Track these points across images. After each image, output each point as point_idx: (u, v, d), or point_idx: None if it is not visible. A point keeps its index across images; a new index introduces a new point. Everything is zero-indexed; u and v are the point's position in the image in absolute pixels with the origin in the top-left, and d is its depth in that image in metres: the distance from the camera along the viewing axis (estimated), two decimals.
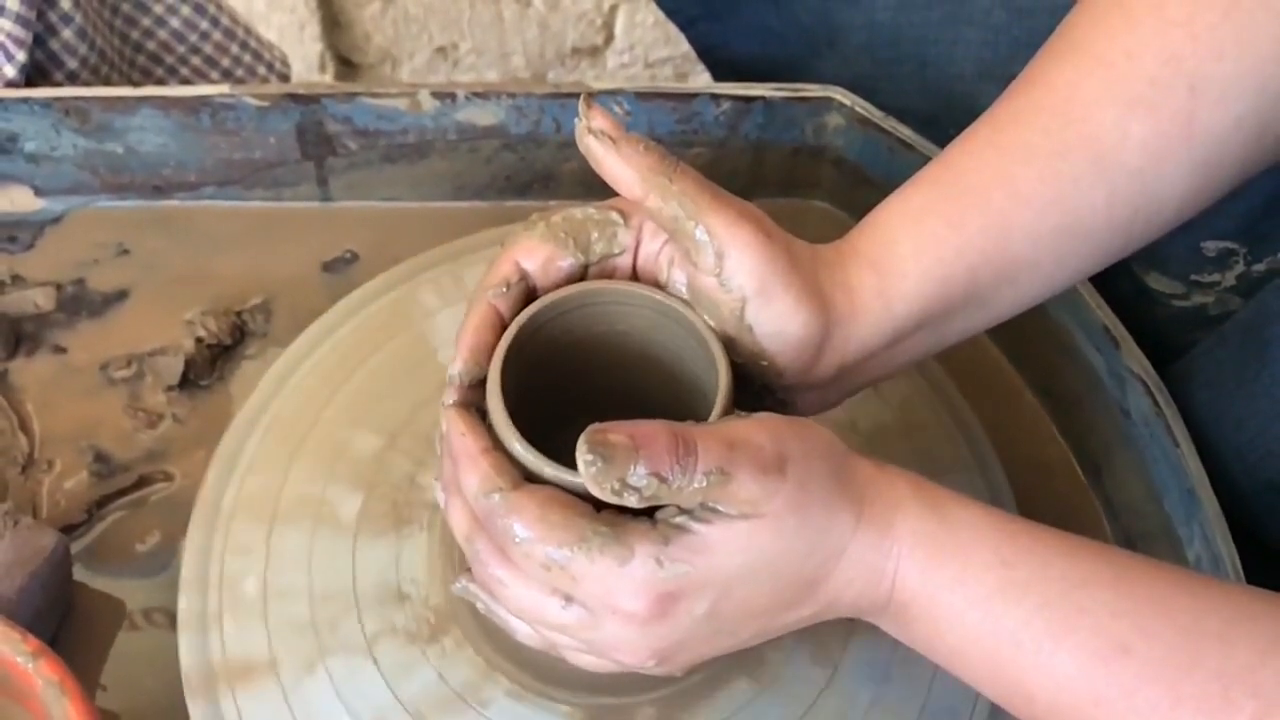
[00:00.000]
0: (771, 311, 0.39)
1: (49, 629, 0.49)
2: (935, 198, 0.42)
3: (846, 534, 0.37)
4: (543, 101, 0.60)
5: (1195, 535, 0.50)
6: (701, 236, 0.39)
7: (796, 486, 0.36)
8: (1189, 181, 0.42)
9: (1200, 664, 0.34)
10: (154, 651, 0.49)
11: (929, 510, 0.37)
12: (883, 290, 0.41)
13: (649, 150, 0.39)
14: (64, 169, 0.61)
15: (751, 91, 0.61)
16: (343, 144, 0.61)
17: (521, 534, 0.36)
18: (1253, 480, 0.50)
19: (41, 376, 0.57)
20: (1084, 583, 0.36)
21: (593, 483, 0.34)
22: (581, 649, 0.38)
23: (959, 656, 0.37)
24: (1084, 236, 0.42)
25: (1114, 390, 0.55)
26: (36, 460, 0.54)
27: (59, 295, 0.60)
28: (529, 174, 0.63)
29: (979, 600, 0.36)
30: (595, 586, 0.36)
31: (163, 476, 0.55)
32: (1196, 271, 0.58)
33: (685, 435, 0.35)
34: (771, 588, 0.36)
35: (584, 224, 0.41)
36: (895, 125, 0.60)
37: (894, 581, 0.37)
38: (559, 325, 0.42)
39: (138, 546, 0.52)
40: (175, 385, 0.57)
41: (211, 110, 0.59)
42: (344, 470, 0.50)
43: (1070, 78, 0.42)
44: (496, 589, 0.38)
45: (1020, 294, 0.43)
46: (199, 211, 0.62)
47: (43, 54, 0.65)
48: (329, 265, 0.62)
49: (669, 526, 0.36)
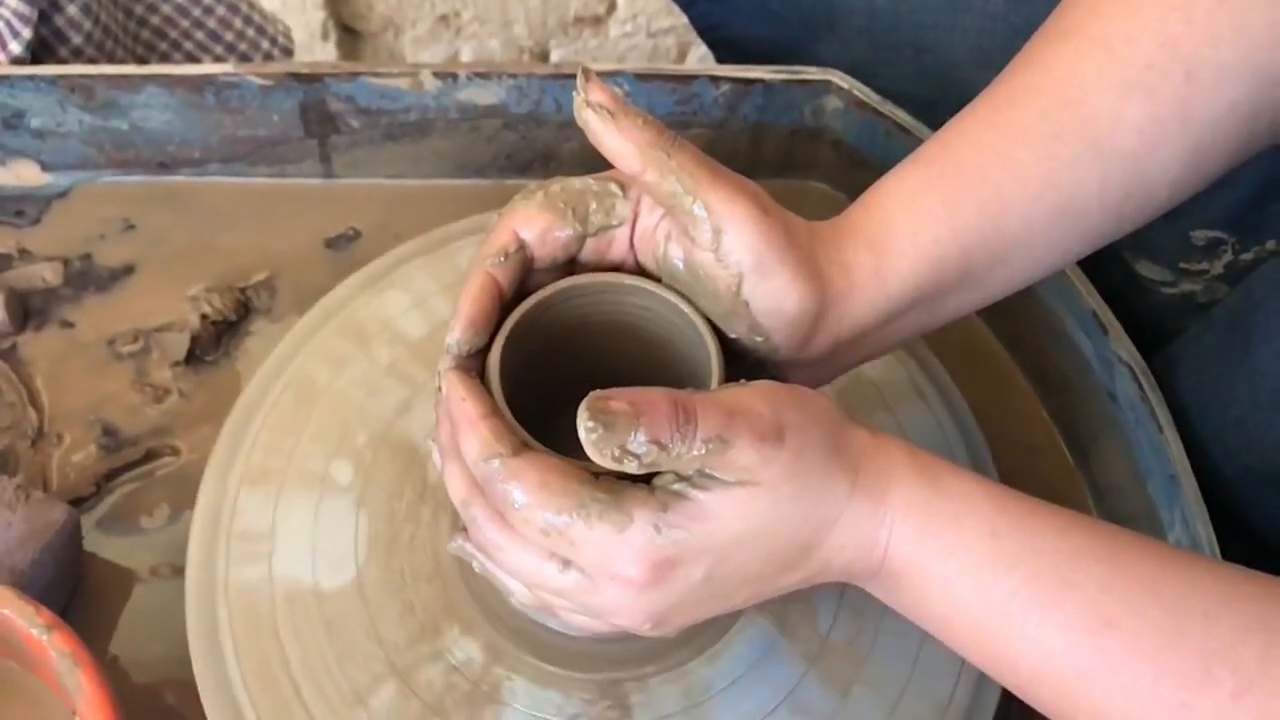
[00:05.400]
0: (768, 288, 0.39)
1: (60, 600, 0.50)
2: (932, 177, 0.42)
3: (841, 501, 0.37)
4: (543, 82, 0.61)
5: (1176, 518, 0.51)
6: (699, 212, 0.39)
7: (794, 454, 0.36)
8: (1182, 165, 0.43)
9: (1184, 640, 0.35)
10: (161, 609, 0.50)
11: (923, 479, 0.38)
12: (878, 268, 0.41)
13: (647, 125, 0.39)
14: (70, 145, 0.62)
15: (750, 74, 0.61)
16: (345, 122, 0.61)
17: (520, 499, 0.36)
18: (1234, 465, 0.51)
19: (50, 351, 0.58)
20: (1073, 557, 0.36)
21: (593, 449, 0.34)
22: (577, 611, 0.39)
23: (947, 625, 0.38)
24: (1077, 219, 0.43)
25: (1102, 375, 0.56)
26: (46, 434, 0.55)
27: (66, 270, 0.60)
28: (530, 153, 0.64)
29: (969, 570, 0.37)
30: (593, 552, 0.36)
31: (170, 451, 0.55)
32: (1185, 260, 0.59)
33: (685, 403, 0.35)
34: (767, 553, 0.37)
35: (583, 194, 0.41)
36: (893, 109, 0.60)
37: (886, 549, 0.38)
38: (554, 316, 0.42)
39: (145, 519, 0.53)
40: (181, 361, 0.57)
41: (216, 89, 0.60)
42: (348, 447, 0.51)
43: (1067, 60, 0.42)
44: (494, 552, 0.38)
45: (1013, 274, 0.44)
46: (204, 188, 0.63)
47: (47, 30, 0.65)
48: (332, 242, 0.62)
49: (667, 493, 0.36)
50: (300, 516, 0.49)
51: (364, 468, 0.51)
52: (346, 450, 0.51)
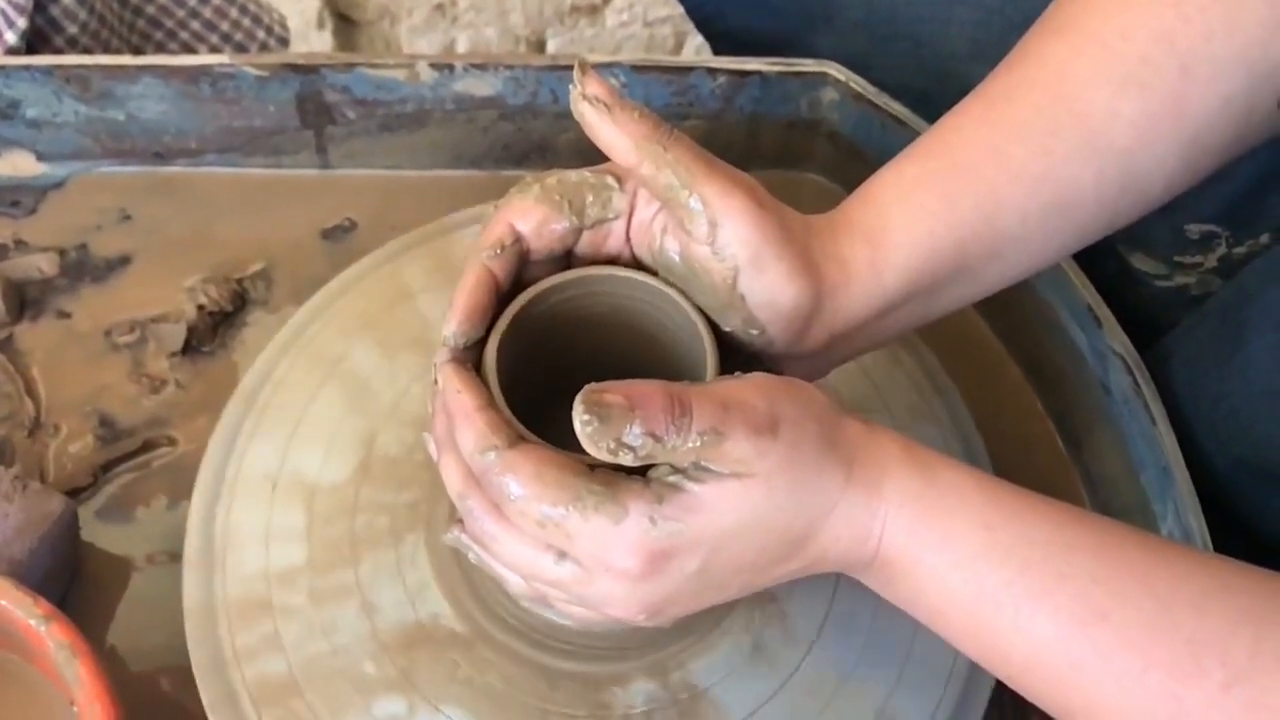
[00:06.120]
0: (764, 281, 0.40)
1: (58, 590, 0.50)
2: (928, 172, 0.42)
3: (835, 493, 0.37)
4: (540, 73, 0.61)
5: (1169, 510, 0.51)
6: (695, 205, 0.39)
7: (788, 446, 0.36)
8: (1177, 160, 0.43)
9: (1174, 631, 0.35)
10: (158, 598, 0.50)
11: (917, 472, 0.38)
12: (874, 262, 0.41)
13: (644, 117, 0.39)
14: (66, 135, 0.61)
15: (747, 66, 0.61)
16: (341, 113, 0.61)
17: (517, 491, 0.37)
18: (1226, 457, 0.51)
19: (46, 341, 0.58)
20: (1066, 548, 0.37)
21: (589, 442, 0.34)
22: (573, 602, 0.39)
23: (940, 615, 0.38)
24: (1072, 213, 0.43)
25: (1096, 367, 0.56)
26: (43, 424, 0.55)
27: (62, 261, 0.60)
28: (526, 144, 0.64)
29: (962, 562, 0.37)
30: (589, 544, 0.36)
31: (166, 441, 0.55)
32: (1180, 253, 0.59)
33: (681, 395, 0.35)
34: (761, 544, 0.37)
35: (579, 187, 0.41)
36: (888, 102, 0.61)
37: (880, 540, 0.38)
38: (550, 309, 0.42)
39: (143, 510, 0.53)
40: (178, 351, 0.57)
41: (212, 79, 0.60)
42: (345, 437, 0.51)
43: (1063, 55, 0.42)
44: (490, 544, 0.39)
45: (1007, 268, 0.44)
46: (200, 178, 0.63)
47: (43, 19, 0.65)
48: (328, 233, 0.62)
49: (662, 485, 0.36)
50: (296, 507, 0.49)
51: (361, 461, 0.51)
52: (343, 443, 0.51)
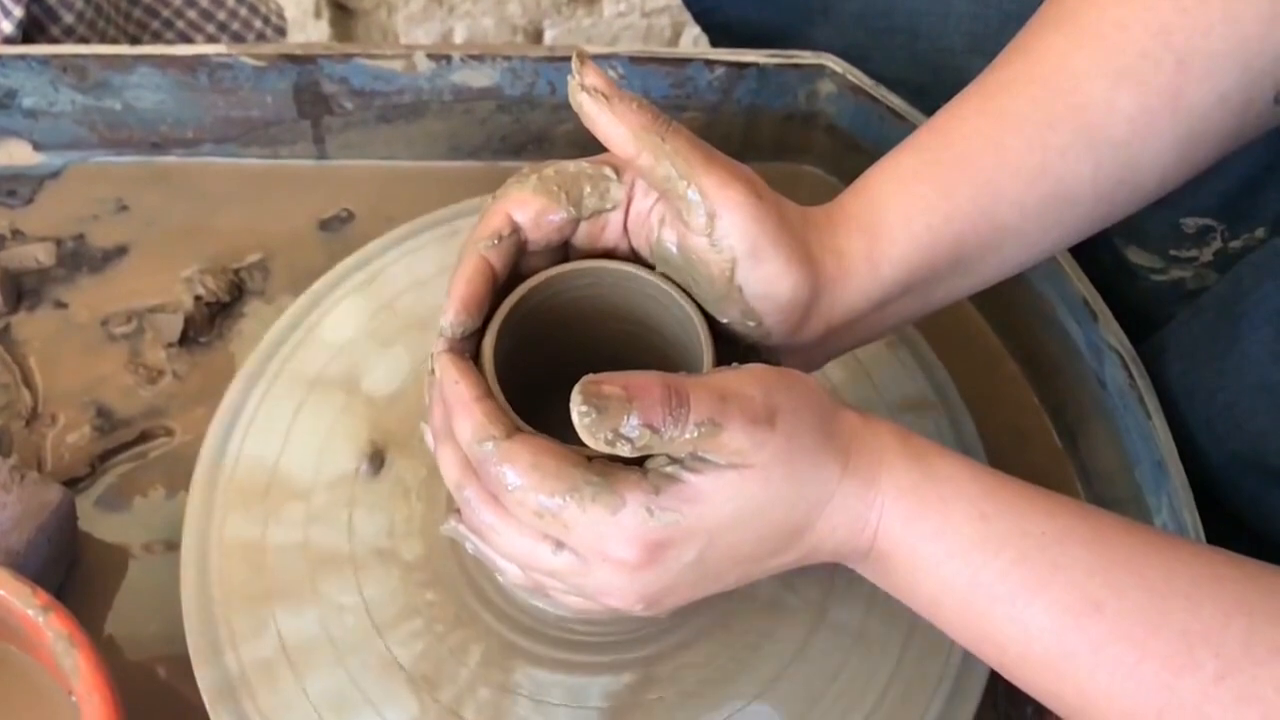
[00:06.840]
0: (761, 273, 0.40)
1: (55, 580, 0.50)
2: (925, 164, 0.42)
3: (832, 484, 0.37)
4: (537, 64, 0.61)
5: (1163, 504, 0.51)
6: (693, 197, 0.39)
7: (785, 437, 0.36)
8: (1173, 154, 0.43)
9: (1167, 622, 0.35)
10: (156, 587, 0.50)
11: (913, 462, 0.38)
12: (871, 254, 0.41)
13: (642, 108, 0.39)
14: (62, 124, 0.61)
15: (745, 58, 0.61)
16: (339, 104, 0.61)
17: (514, 482, 0.37)
18: (1221, 451, 0.52)
19: (43, 331, 0.58)
20: (1060, 539, 0.37)
21: (586, 433, 0.35)
22: (570, 592, 0.39)
23: (935, 605, 0.38)
24: (1069, 206, 0.43)
25: (1091, 361, 0.56)
26: (40, 414, 0.55)
27: (59, 251, 0.60)
28: (523, 135, 0.64)
29: (958, 552, 0.37)
30: (587, 534, 0.36)
31: (164, 432, 0.55)
32: (1175, 247, 0.59)
33: (678, 386, 0.35)
34: (758, 535, 0.37)
35: (577, 178, 0.41)
36: (886, 94, 0.61)
37: (876, 531, 0.38)
38: (547, 300, 0.42)
39: (140, 499, 0.53)
40: (175, 342, 0.57)
41: (209, 69, 0.60)
42: (343, 428, 0.51)
43: (1061, 48, 0.43)
44: (487, 534, 0.39)
45: (1004, 261, 0.44)
46: (197, 168, 0.63)
47: (39, 9, 0.65)
48: (325, 224, 0.62)
49: (660, 476, 0.37)
50: (294, 497, 0.49)
51: (359, 451, 0.51)
52: (341, 433, 0.51)
